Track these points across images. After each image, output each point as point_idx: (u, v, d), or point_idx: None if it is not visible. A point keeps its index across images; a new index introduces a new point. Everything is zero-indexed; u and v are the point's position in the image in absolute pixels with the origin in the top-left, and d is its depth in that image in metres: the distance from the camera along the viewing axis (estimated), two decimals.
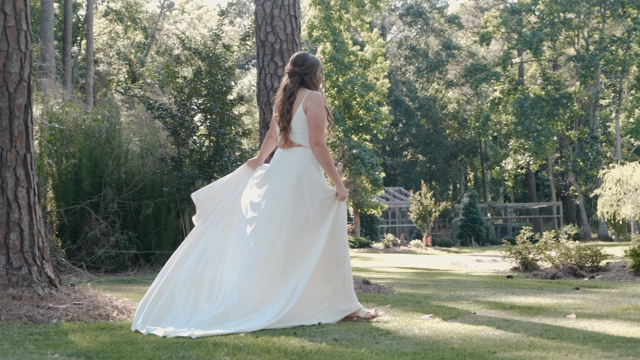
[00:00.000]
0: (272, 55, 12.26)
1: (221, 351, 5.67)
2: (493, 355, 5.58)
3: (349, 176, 43.81)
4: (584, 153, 62.70)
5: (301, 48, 12.71)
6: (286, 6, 12.29)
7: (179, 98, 16.73)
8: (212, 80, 16.73)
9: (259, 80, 12.45)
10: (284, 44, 12.26)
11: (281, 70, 12.22)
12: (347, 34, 47.74)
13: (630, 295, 10.11)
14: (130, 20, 57.45)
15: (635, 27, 61.47)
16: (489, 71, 67.61)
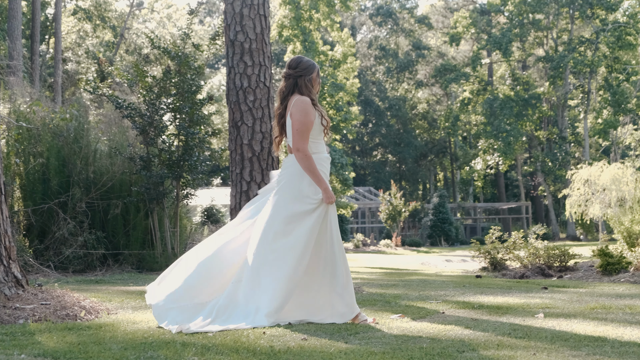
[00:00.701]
0: (242, 55, 12.23)
1: (189, 351, 5.65)
2: (461, 354, 5.59)
3: None
4: (553, 153, 63.02)
5: (271, 48, 12.69)
6: (256, 5, 12.26)
7: (148, 97, 16.65)
8: (181, 79, 16.66)
9: (229, 80, 12.41)
10: (254, 43, 12.24)
11: (250, 69, 12.19)
12: (317, 33, 47.73)
13: (597, 295, 10.17)
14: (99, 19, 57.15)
15: (603, 28, 61.86)
16: (459, 71, 67.83)
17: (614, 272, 14.11)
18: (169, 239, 16.71)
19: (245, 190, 12.13)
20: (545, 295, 10.13)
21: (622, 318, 7.48)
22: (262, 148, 12.19)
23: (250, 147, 12.15)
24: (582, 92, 65.10)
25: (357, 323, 7.20)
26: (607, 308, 8.34)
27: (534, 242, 16.18)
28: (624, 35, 60.37)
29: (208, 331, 6.60)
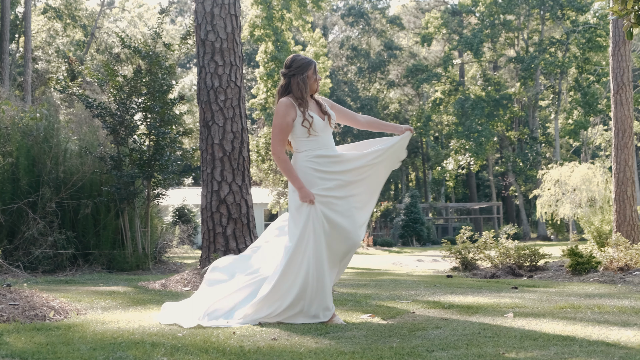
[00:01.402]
0: (213, 54, 12.21)
1: (159, 351, 5.62)
2: (431, 354, 5.60)
3: None
4: (524, 154, 63.30)
5: (242, 47, 12.68)
6: (226, 5, 12.25)
7: (118, 97, 16.57)
8: (152, 78, 16.60)
9: (199, 79, 12.40)
10: (225, 42, 12.22)
11: (221, 69, 12.17)
12: (289, 33, 47.68)
13: (567, 295, 10.21)
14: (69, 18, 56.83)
15: (574, 29, 62.20)
16: (430, 72, 68.00)
17: (583, 271, 14.18)
18: (139, 238, 16.64)
19: (216, 190, 12.11)
20: (515, 295, 10.16)
21: (591, 317, 7.52)
22: (233, 148, 12.18)
23: (221, 146, 12.14)
24: (553, 92, 65.44)
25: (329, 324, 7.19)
26: (576, 307, 8.38)
27: (504, 242, 16.23)
28: (595, 36, 60.74)
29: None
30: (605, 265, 14.12)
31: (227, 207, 12.07)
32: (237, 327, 6.91)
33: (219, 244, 12.01)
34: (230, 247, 11.98)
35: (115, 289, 11.19)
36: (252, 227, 12.25)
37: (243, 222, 12.12)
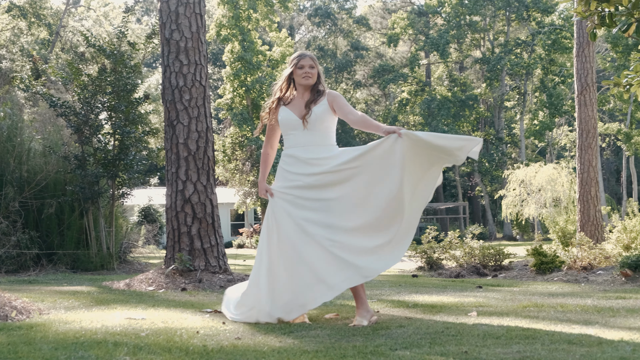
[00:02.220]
0: (177, 54, 12.17)
1: (121, 351, 5.59)
2: (394, 352, 5.61)
3: (257, 176, 43.75)
4: (490, 154, 63.60)
5: (207, 46, 12.65)
6: (191, 4, 12.21)
7: (82, 96, 16.49)
8: (117, 77, 16.53)
9: (164, 79, 12.35)
10: (189, 42, 12.18)
11: (186, 68, 12.13)
12: (255, 33, 47.65)
13: (530, 293, 10.26)
14: (34, 17, 56.40)
15: (539, 30, 62.57)
16: (397, 72, 68.15)
17: (547, 271, 14.27)
18: (104, 238, 16.56)
19: (181, 189, 12.07)
20: (480, 294, 10.20)
21: (554, 316, 7.56)
22: (198, 147, 12.14)
23: (186, 146, 12.10)
24: (519, 93, 65.83)
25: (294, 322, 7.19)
26: (539, 306, 8.42)
27: (469, 242, 16.31)
28: (560, 37, 61.12)
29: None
30: (569, 265, 14.22)
31: (192, 206, 12.03)
32: (202, 326, 6.88)
33: (183, 243, 11.97)
34: (195, 247, 11.94)
35: (79, 289, 11.12)
36: (217, 226, 12.22)
37: (208, 222, 12.09)
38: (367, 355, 5.51)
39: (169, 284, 11.21)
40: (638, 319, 7.24)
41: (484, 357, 5.41)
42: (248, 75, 46.03)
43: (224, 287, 11.14)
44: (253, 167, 44.13)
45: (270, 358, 5.47)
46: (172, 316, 7.59)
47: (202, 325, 6.98)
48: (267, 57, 47.51)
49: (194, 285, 11.14)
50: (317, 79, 7.57)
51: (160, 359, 5.39)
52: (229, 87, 46.35)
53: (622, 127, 62.81)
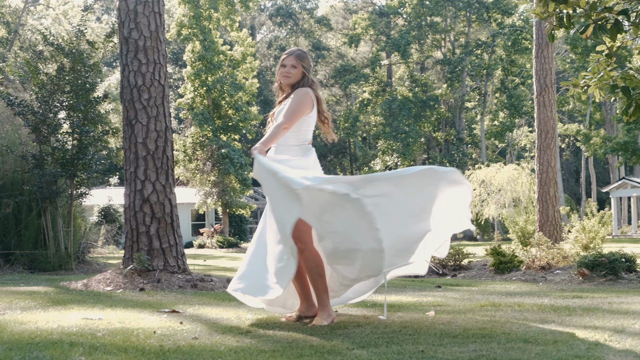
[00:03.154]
0: (136, 52, 12.10)
1: (77, 351, 5.54)
2: (351, 352, 5.61)
3: (217, 176, 43.63)
4: (451, 154, 63.89)
5: (166, 45, 12.59)
6: (150, 3, 12.15)
7: (40, 94, 16.36)
8: (75, 76, 16.42)
9: (123, 78, 12.28)
10: (148, 40, 12.12)
11: (145, 67, 12.07)
12: (216, 33, 47.54)
13: (488, 293, 10.32)
14: None
15: (500, 31, 62.93)
16: (358, 72, 68.26)
17: (506, 270, 14.34)
18: (62, 238, 16.44)
19: (139, 189, 12.01)
20: (438, 294, 10.23)
21: (511, 315, 7.59)
22: (157, 147, 12.08)
23: (145, 145, 12.04)
24: (479, 94, 66.19)
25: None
26: (497, 306, 8.46)
27: None
28: (520, 39, 61.53)
29: None
30: (527, 265, 14.30)
31: (151, 206, 11.98)
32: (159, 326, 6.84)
33: (142, 243, 11.91)
34: (154, 246, 11.89)
35: (35, 289, 11.03)
36: (176, 226, 12.17)
37: (167, 221, 12.04)
38: (324, 355, 5.50)
39: (127, 284, 11.14)
40: (594, 318, 7.29)
41: (440, 356, 5.42)
42: (209, 75, 45.91)
43: (183, 287, 11.11)
44: (214, 167, 43.99)
45: (227, 358, 5.44)
46: (129, 316, 7.54)
47: (160, 325, 6.94)
48: (228, 56, 47.42)
49: (152, 285, 11.08)
50: (302, 78, 7.49)
51: (116, 359, 5.35)
52: (190, 86, 46.20)
53: (582, 128, 63.40)
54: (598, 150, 58.57)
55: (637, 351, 5.50)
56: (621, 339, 5.99)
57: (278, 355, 5.50)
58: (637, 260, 12.95)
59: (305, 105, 7.32)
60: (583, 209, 60.62)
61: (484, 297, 9.64)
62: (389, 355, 5.48)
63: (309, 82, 7.45)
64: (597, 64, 13.28)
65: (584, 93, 13.34)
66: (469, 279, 14.06)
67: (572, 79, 13.38)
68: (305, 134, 7.39)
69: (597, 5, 12.20)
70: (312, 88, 7.45)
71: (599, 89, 13.07)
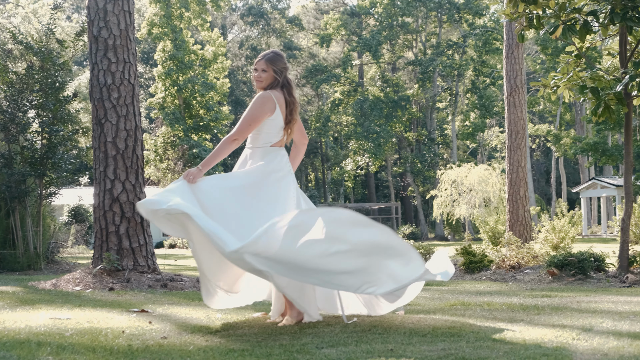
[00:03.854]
0: (106, 51, 12.06)
1: (44, 351, 5.51)
2: (320, 351, 5.61)
3: None
4: (422, 155, 64.03)
5: (136, 44, 12.56)
6: (120, 1, 12.12)
7: (9, 93, 16.26)
8: (45, 75, 16.33)
9: (92, 77, 12.23)
10: (118, 39, 12.08)
11: (114, 66, 12.02)
12: (187, 32, 47.43)
13: (458, 292, 10.36)
14: None
15: (471, 32, 63.15)
16: (330, 72, 68.25)
17: (476, 270, 14.38)
18: (31, 238, 16.35)
19: (109, 188, 11.96)
20: None
21: (480, 314, 7.62)
22: (127, 146, 12.05)
23: (115, 144, 12.00)
24: (450, 94, 66.37)
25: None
26: (466, 305, 8.49)
27: None
28: (491, 39, 61.76)
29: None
30: (497, 264, 14.35)
31: (121, 205, 11.93)
32: (128, 326, 6.81)
33: (111, 242, 11.86)
34: (124, 246, 11.85)
35: (3, 289, 10.96)
36: (146, 225, 12.14)
37: (137, 221, 12.00)
38: (293, 354, 5.51)
39: (96, 283, 11.10)
40: (562, 317, 7.33)
41: (409, 354, 5.43)
42: (180, 74, 45.81)
43: (153, 286, 11.08)
44: (185, 166, 43.83)
45: (196, 357, 5.44)
46: (98, 316, 7.51)
47: (128, 324, 6.92)
48: (199, 56, 47.33)
49: (121, 285, 11.04)
50: (273, 81, 7.44)
51: (84, 358, 5.33)
52: (161, 86, 46.08)
53: (552, 129, 63.72)
54: (568, 150, 58.92)
55: (604, 350, 5.54)
56: (589, 338, 6.02)
57: (247, 355, 5.49)
58: (606, 260, 13.03)
59: (260, 110, 7.26)
60: (553, 209, 60.92)
61: (453, 296, 9.68)
62: (357, 354, 5.49)
63: (280, 85, 7.43)
64: (567, 65, 13.38)
65: (554, 93, 13.44)
66: None
67: (542, 80, 13.47)
68: (266, 137, 7.34)
69: (566, 6, 12.30)
70: (284, 90, 7.42)
71: (568, 89, 13.18)
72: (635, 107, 14.64)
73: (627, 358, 5.21)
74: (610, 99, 12.46)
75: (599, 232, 50.44)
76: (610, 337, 6.07)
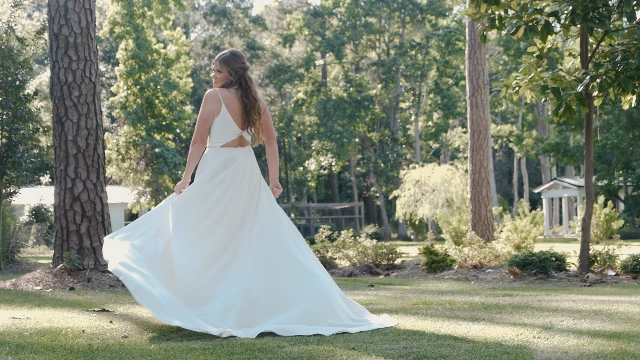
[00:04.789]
0: (66, 49, 11.97)
1: (3, 350, 5.46)
2: (282, 349, 5.61)
3: (151, 175, 43.33)
4: (385, 155, 64.15)
5: (97, 42, 12.48)
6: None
7: None
8: (4, 73, 16.19)
9: (53, 75, 12.15)
10: (79, 37, 11.99)
11: (75, 64, 11.94)
12: (150, 31, 47.19)
13: (421, 292, 10.39)
14: None
15: (434, 33, 63.39)
16: (293, 72, 68.23)
17: (438, 269, 14.43)
18: None
19: (70, 187, 11.88)
20: (371, 292, 10.28)
21: (442, 313, 7.65)
22: (88, 144, 11.97)
23: (75, 143, 11.91)
24: (414, 95, 66.57)
25: None
26: (428, 304, 8.51)
27: (362, 241, 16.37)
28: (454, 40, 62.04)
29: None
30: (460, 264, 14.41)
31: (82, 204, 11.85)
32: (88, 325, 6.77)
33: (72, 242, 11.78)
34: (84, 245, 11.77)
35: None
36: (107, 225, 12.07)
37: (98, 220, 11.92)
38: (255, 353, 5.50)
39: (56, 283, 11.02)
40: (523, 316, 7.37)
41: (370, 353, 5.44)
42: (142, 74, 45.54)
43: (114, 286, 11.02)
44: (147, 166, 43.66)
45: (157, 356, 5.41)
46: (58, 315, 7.46)
47: (89, 324, 6.88)
48: (162, 55, 47.08)
49: (82, 284, 10.97)
50: (227, 81, 7.38)
51: (43, 358, 5.28)
52: (123, 85, 45.77)
53: (514, 129, 64.12)
54: (530, 151, 59.29)
55: (564, 347, 5.57)
56: (550, 336, 6.06)
57: (208, 354, 5.48)
58: (567, 259, 13.12)
59: (204, 109, 7.26)
60: (515, 210, 61.26)
61: (416, 295, 9.69)
62: (319, 352, 5.49)
63: (236, 84, 7.39)
64: (529, 65, 13.46)
65: (516, 94, 13.52)
66: (402, 278, 14.12)
67: (504, 80, 13.54)
68: (216, 137, 7.30)
69: (528, 7, 12.37)
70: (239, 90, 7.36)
71: (530, 89, 13.26)
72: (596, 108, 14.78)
73: (587, 356, 5.25)
74: (571, 99, 12.54)
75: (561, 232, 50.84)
76: (570, 335, 6.11)
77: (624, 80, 11.57)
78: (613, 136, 45.34)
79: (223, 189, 7.16)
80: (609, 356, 5.24)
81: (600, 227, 27.33)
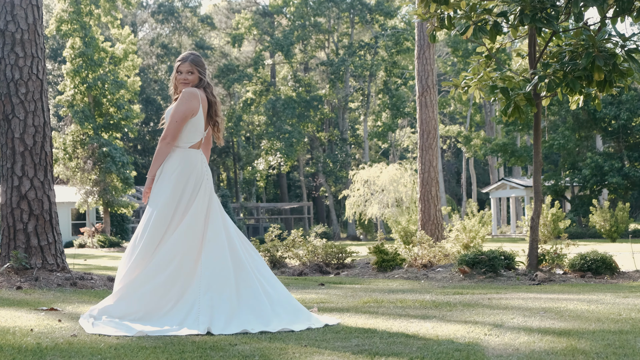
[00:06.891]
0: (13, 45, 11.84)
1: None
2: (234, 347, 5.60)
3: (98, 174, 42.99)
4: (334, 155, 64.28)
5: (44, 39, 12.36)
6: None
7: None
8: None
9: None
10: (26, 34, 11.87)
11: (22, 60, 11.81)
12: (97, 29, 46.82)
13: (371, 290, 10.40)
14: None
15: (382, 33, 63.62)
16: (242, 72, 68.12)
17: (388, 268, 14.45)
18: None
19: (16, 185, 11.75)
20: (322, 291, 10.27)
21: (393, 311, 7.66)
22: (35, 142, 11.84)
23: (22, 141, 11.78)
24: (362, 95, 66.79)
25: None
26: (379, 302, 8.52)
27: (312, 241, 16.37)
28: (402, 40, 62.32)
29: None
30: (409, 263, 14.45)
31: (29, 203, 11.72)
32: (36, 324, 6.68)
33: (19, 240, 11.65)
34: (32, 244, 11.64)
35: None
36: (55, 223, 11.94)
37: (45, 219, 11.80)
38: (207, 351, 5.49)
39: (3, 282, 10.88)
40: (474, 313, 7.41)
41: (323, 350, 5.44)
42: (90, 72, 45.18)
43: (62, 285, 10.91)
44: (95, 165, 43.32)
45: (107, 355, 5.37)
46: (5, 315, 7.38)
47: (37, 323, 6.81)
48: (109, 54, 46.73)
49: (30, 283, 10.85)
50: (199, 82, 7.30)
51: None
52: (70, 83, 45.35)
53: (462, 130, 64.55)
54: (478, 151, 59.72)
55: (515, 345, 5.61)
56: (500, 333, 6.10)
57: (159, 352, 5.45)
58: (516, 258, 13.21)
59: (187, 106, 7.14)
60: (464, 209, 61.66)
61: (366, 294, 9.71)
62: (271, 350, 5.49)
63: (204, 85, 7.34)
64: (478, 65, 13.54)
65: (465, 93, 13.59)
66: (352, 277, 14.14)
67: (453, 80, 13.60)
68: (187, 137, 7.20)
69: (477, 7, 12.43)
70: (207, 90, 7.33)
71: (479, 89, 13.34)
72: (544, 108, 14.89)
73: (538, 353, 5.29)
74: (520, 99, 12.63)
75: (508, 232, 51.25)
76: (521, 332, 6.16)
77: (571, 80, 11.67)
78: (560, 137, 45.79)
79: (197, 193, 7.10)
80: (560, 353, 5.28)
81: (548, 226, 27.60)
